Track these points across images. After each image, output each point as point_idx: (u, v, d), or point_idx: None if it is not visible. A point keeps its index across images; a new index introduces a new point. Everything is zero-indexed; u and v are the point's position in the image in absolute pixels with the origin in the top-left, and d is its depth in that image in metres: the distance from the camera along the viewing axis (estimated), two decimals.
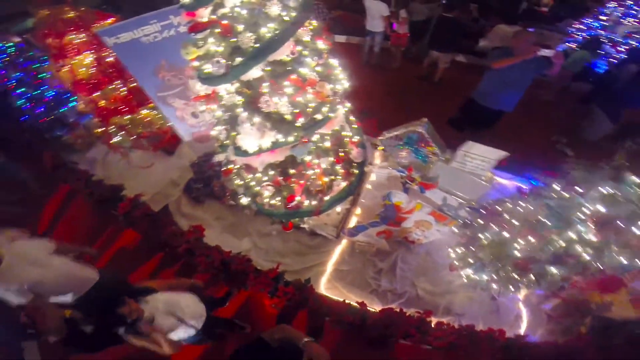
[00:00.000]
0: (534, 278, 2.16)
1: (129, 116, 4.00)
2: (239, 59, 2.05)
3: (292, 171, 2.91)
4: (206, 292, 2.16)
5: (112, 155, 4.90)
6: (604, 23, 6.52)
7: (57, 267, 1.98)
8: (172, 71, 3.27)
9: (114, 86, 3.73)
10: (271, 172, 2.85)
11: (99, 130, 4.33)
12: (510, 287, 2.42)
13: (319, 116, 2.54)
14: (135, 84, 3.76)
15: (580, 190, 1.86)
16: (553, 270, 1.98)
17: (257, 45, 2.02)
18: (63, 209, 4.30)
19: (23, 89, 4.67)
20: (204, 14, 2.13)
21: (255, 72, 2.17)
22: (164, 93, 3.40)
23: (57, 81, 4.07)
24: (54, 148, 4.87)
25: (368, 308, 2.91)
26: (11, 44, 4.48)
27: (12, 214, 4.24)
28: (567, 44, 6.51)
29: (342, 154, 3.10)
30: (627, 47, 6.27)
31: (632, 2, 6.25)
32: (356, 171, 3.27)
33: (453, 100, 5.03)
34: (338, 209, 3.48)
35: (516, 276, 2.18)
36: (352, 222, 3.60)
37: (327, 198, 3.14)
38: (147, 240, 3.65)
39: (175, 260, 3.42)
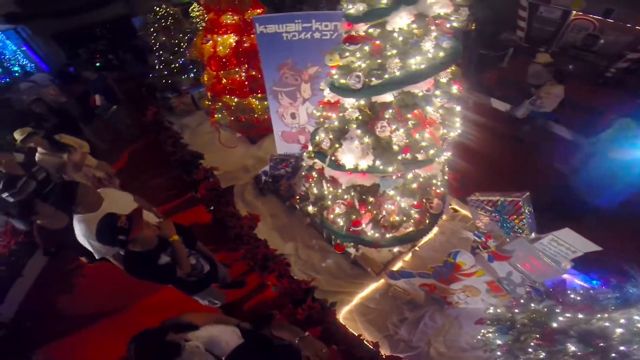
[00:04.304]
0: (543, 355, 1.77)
1: (238, 100, 4.32)
2: (377, 81, 2.11)
3: (371, 199, 2.89)
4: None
5: (203, 127, 5.41)
6: None
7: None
8: (292, 71, 3.48)
9: (238, 69, 4.06)
10: (352, 193, 2.85)
11: (207, 103, 4.76)
12: None
13: (422, 156, 2.50)
14: (254, 73, 4.09)
15: None
16: (572, 347, 1.60)
17: (401, 73, 2.07)
18: (139, 155, 4.93)
19: (161, 51, 5.45)
20: (360, 28, 2.21)
21: (386, 97, 2.23)
22: (278, 88, 3.65)
23: (192, 52, 4.59)
24: (159, 106, 5.57)
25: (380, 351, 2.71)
26: (170, 11, 5.27)
27: (101, 149, 4.99)
28: None
29: (424, 201, 3.01)
30: None
31: None
32: (428, 222, 3.14)
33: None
34: (395, 249, 3.34)
35: (531, 349, 1.82)
36: (397, 265, 3.43)
37: (389, 235, 3.03)
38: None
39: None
